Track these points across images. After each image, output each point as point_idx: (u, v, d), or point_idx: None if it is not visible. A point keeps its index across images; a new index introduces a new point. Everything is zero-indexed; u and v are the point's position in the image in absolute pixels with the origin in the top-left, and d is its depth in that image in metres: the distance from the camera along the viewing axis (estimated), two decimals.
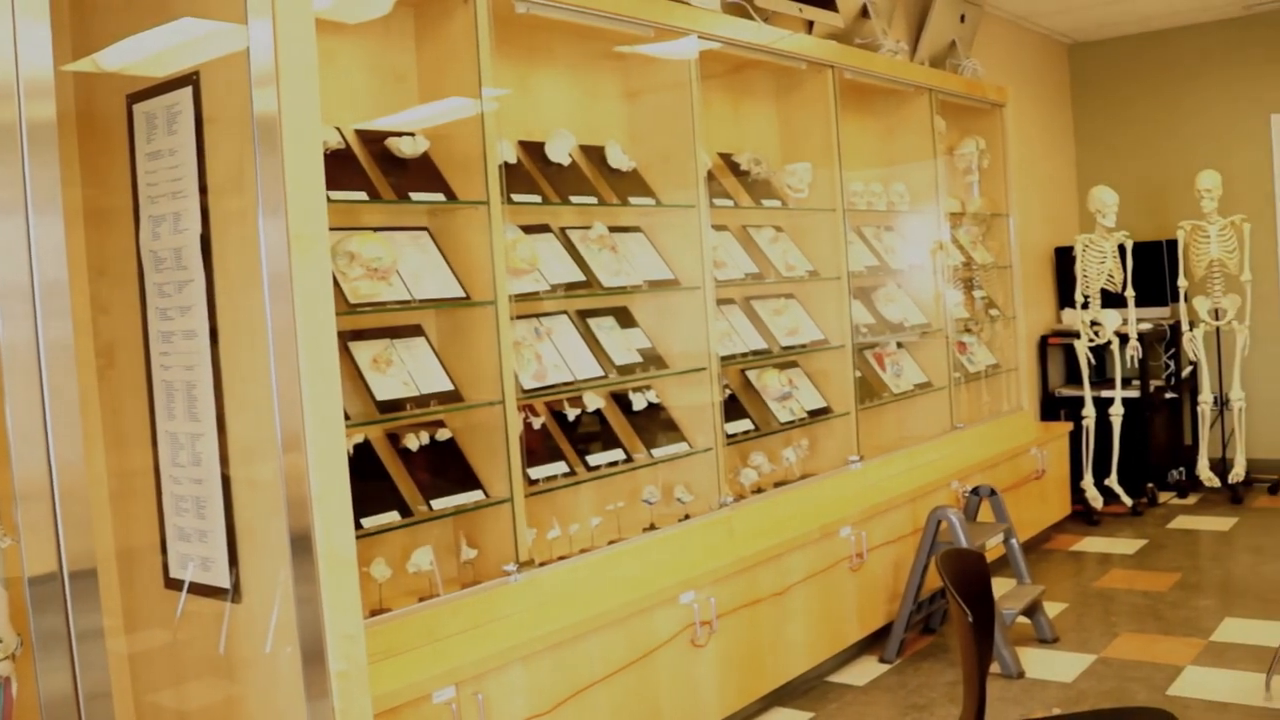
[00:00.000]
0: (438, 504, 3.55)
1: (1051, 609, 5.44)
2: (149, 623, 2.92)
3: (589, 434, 4.22)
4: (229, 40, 2.54)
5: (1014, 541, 5.30)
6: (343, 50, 3.63)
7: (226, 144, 2.59)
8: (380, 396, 3.48)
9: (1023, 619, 4.94)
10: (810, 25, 5.63)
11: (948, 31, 6.71)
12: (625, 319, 4.52)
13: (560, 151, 4.23)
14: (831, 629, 4.74)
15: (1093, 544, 6.72)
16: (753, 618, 4.28)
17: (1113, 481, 7.28)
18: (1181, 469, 7.78)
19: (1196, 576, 5.89)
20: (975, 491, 5.45)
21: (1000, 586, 5.22)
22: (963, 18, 6.79)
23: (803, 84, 5.43)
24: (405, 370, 3.59)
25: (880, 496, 5.14)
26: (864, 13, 5.92)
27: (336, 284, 3.30)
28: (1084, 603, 5.60)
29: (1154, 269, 7.80)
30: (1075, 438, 7.25)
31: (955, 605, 2.59)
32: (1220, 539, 6.61)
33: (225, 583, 2.65)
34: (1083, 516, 7.25)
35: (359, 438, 3.50)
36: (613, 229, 4.47)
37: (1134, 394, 7.39)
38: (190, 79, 2.63)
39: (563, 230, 4.31)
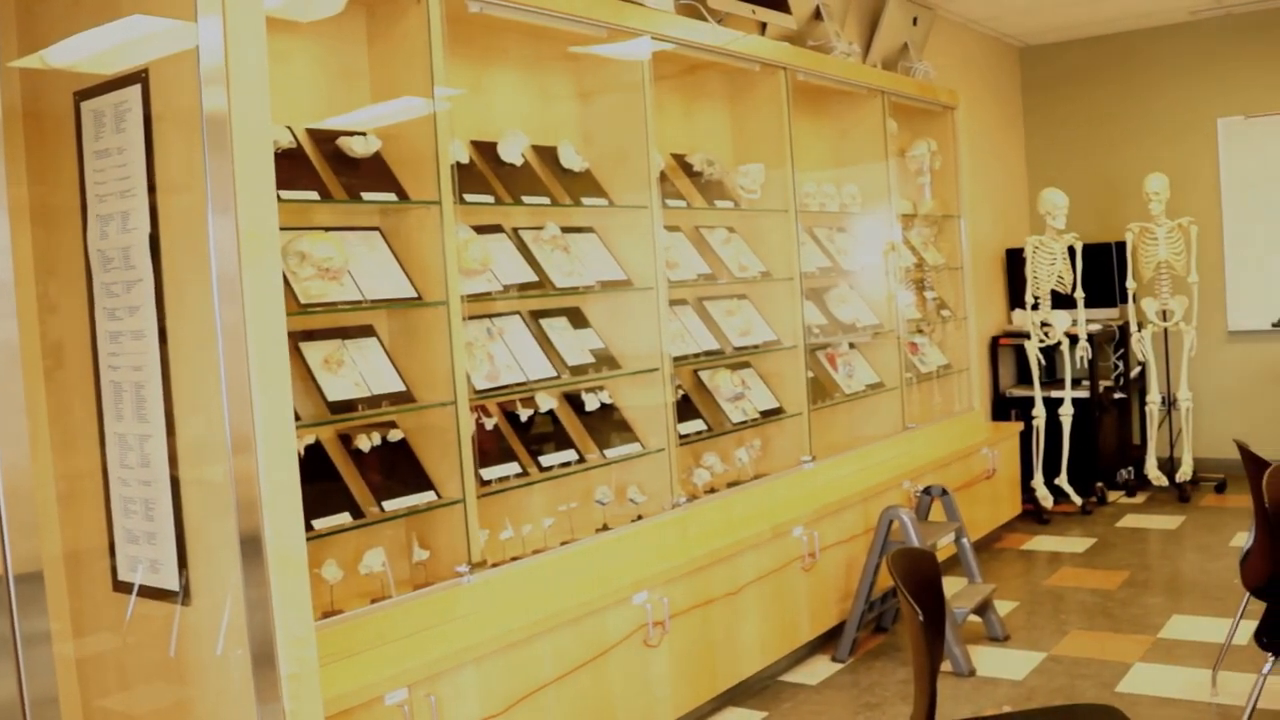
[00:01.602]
0: (389, 505, 3.54)
1: (1002, 607, 5.50)
2: (97, 626, 2.89)
3: (541, 434, 4.22)
4: (178, 38, 2.52)
5: (965, 541, 5.35)
6: (294, 49, 3.61)
7: (176, 143, 2.57)
8: (331, 397, 3.46)
9: (974, 617, 4.99)
10: (763, 27, 5.66)
11: (900, 34, 6.76)
12: (578, 319, 4.51)
13: (513, 151, 4.23)
14: (784, 629, 4.76)
15: (1043, 543, 6.79)
16: (706, 618, 4.29)
17: (1062, 481, 7.36)
18: (1130, 468, 7.87)
19: (1145, 574, 5.97)
20: (927, 491, 5.50)
21: (951, 585, 5.27)
22: (915, 20, 6.84)
23: (756, 85, 5.45)
24: (357, 371, 3.57)
25: (832, 496, 5.17)
26: (817, 15, 5.95)
27: (287, 284, 3.28)
28: (1034, 601, 5.66)
29: (1103, 271, 7.89)
30: (1025, 438, 7.33)
31: (906, 604, 2.61)
32: (1168, 537, 6.70)
33: (174, 585, 2.63)
34: (1033, 515, 7.32)
35: (310, 439, 3.48)
36: (565, 229, 4.46)
37: (1083, 394, 7.48)
38: (139, 77, 2.61)
39: (515, 230, 4.31)
